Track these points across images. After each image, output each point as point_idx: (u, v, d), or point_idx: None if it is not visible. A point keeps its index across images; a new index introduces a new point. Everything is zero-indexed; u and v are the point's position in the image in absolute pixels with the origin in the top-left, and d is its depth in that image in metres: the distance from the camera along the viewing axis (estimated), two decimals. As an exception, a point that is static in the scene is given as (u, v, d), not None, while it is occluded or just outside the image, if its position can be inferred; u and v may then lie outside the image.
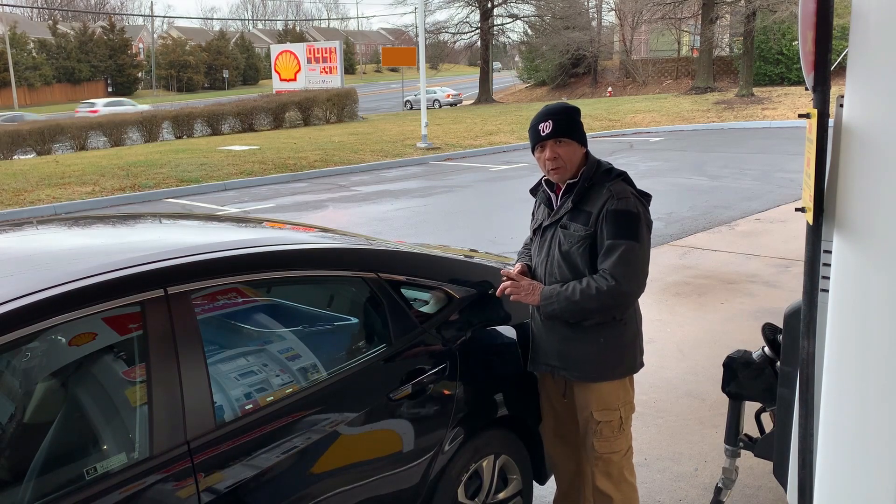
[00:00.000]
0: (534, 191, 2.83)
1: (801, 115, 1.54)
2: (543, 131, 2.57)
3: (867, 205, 1.39)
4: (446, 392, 2.62)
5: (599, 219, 2.51)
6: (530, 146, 2.68)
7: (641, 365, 2.73)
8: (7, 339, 1.79)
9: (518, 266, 2.76)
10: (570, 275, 2.57)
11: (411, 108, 22.78)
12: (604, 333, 2.59)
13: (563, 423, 2.84)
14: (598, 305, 2.49)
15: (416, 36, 22.13)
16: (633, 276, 2.48)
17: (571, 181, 2.61)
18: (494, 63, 53.77)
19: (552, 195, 2.70)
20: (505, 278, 2.70)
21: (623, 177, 2.60)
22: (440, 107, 38.37)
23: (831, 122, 1.48)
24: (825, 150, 1.47)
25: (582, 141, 2.61)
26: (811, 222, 1.51)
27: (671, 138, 19.68)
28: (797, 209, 1.64)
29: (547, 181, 2.73)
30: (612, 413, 2.64)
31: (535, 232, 2.78)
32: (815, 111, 1.47)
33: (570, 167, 2.59)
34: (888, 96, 1.34)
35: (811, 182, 1.50)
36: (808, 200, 1.54)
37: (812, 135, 1.49)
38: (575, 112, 2.64)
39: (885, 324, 1.38)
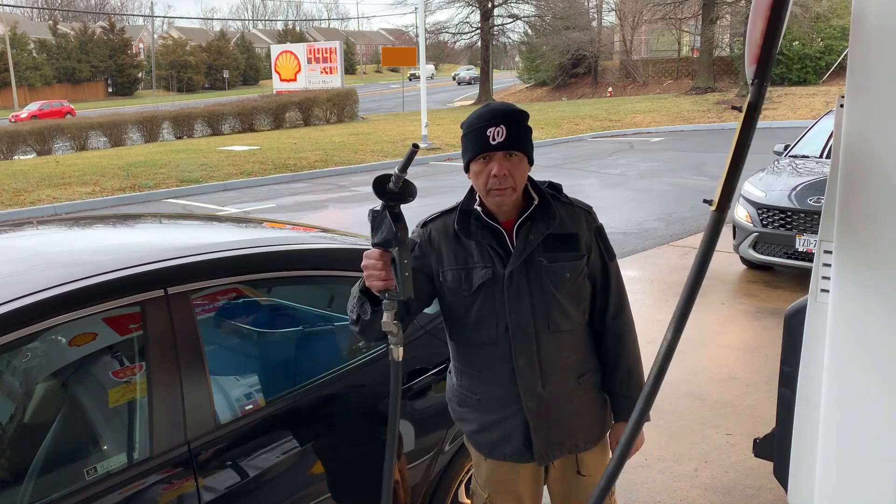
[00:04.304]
0: (463, 228, 2.01)
1: (734, 108, 1.47)
2: (494, 138, 1.88)
3: (867, 205, 1.39)
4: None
5: (591, 241, 2.07)
6: (464, 156, 1.98)
7: None
8: (7, 339, 1.79)
9: None
10: (575, 312, 2.07)
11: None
12: (595, 376, 2.17)
13: None
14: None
15: (417, 36, 22.12)
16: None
17: (527, 207, 2.01)
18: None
19: (501, 229, 2.00)
20: None
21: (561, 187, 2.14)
22: None
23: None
24: (746, 144, 1.44)
25: (532, 158, 1.98)
26: (713, 209, 1.45)
27: (671, 138, 19.68)
28: (704, 200, 1.58)
29: (483, 212, 2.00)
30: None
31: (480, 287, 2.00)
32: (747, 103, 1.44)
33: (519, 189, 1.96)
34: (888, 97, 1.34)
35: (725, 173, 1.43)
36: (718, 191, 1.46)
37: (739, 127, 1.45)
38: (527, 118, 2.00)
39: (885, 324, 1.38)
